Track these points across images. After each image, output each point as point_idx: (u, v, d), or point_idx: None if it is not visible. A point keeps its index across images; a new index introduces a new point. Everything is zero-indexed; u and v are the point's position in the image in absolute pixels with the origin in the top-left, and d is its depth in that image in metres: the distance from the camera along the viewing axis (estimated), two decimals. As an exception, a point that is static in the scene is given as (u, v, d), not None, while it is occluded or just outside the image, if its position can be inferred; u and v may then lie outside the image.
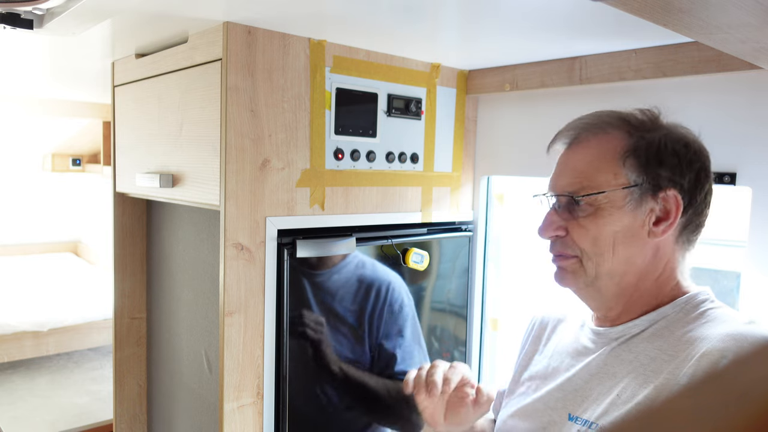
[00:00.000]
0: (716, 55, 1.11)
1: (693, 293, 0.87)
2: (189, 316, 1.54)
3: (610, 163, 0.86)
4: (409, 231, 1.54)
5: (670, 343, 0.82)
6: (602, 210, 0.85)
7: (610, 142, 0.87)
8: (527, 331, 1.12)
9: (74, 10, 1.04)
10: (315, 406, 1.37)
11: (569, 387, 0.92)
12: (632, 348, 0.86)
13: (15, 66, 1.85)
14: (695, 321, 0.83)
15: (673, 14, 0.59)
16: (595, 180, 0.86)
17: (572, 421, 0.88)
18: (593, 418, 0.85)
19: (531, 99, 1.56)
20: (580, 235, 0.87)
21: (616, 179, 0.85)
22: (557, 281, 0.92)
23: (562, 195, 0.89)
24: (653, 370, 0.81)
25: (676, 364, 0.79)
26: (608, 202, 0.85)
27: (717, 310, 0.84)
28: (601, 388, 0.86)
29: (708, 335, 0.78)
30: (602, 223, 0.85)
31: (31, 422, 2.48)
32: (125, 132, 1.65)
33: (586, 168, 0.87)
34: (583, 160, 0.88)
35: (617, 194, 0.84)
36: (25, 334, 3.02)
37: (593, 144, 0.88)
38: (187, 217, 1.54)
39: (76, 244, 4.88)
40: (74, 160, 4.21)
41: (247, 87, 1.20)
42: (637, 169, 0.85)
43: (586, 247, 0.87)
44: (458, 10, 1.09)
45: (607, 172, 0.86)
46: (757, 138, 1.15)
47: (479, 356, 1.76)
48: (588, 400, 0.87)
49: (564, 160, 0.92)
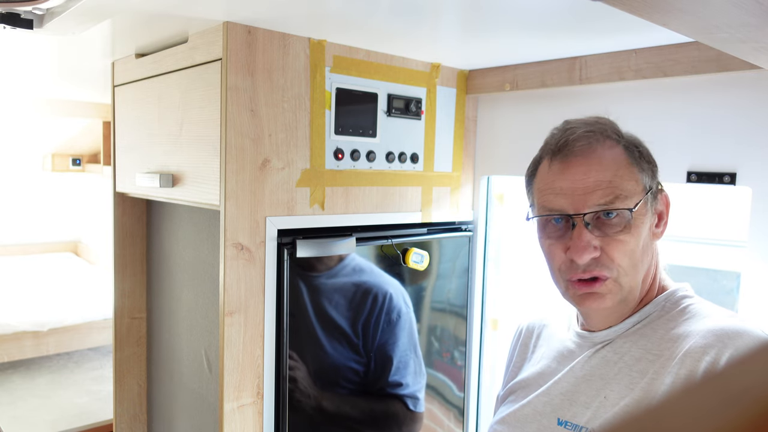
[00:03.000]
0: (716, 55, 1.11)
1: (672, 290, 0.88)
2: (189, 316, 1.54)
3: (629, 170, 0.83)
4: (409, 231, 1.54)
5: (653, 342, 0.82)
6: (634, 221, 0.81)
7: (615, 149, 0.84)
8: (514, 341, 1.10)
9: (74, 10, 1.04)
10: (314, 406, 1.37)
11: (557, 391, 0.91)
12: (617, 350, 0.86)
13: (15, 66, 1.85)
14: (676, 318, 0.83)
15: (673, 14, 0.59)
16: (626, 189, 0.81)
17: (561, 426, 0.87)
18: (582, 422, 0.85)
19: (531, 99, 1.56)
20: (619, 252, 0.81)
21: (638, 186, 0.83)
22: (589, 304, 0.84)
23: (593, 211, 0.81)
24: (639, 370, 0.81)
25: (661, 363, 0.79)
26: (638, 212, 0.82)
27: (696, 306, 0.84)
28: (589, 391, 0.86)
29: (690, 332, 0.79)
30: (636, 233, 0.81)
31: (31, 422, 2.48)
32: (125, 132, 1.65)
33: (612, 178, 0.81)
34: (606, 171, 0.82)
35: (642, 203, 0.83)
36: (25, 334, 3.01)
37: (604, 151, 0.83)
38: (187, 217, 1.54)
39: (76, 244, 4.88)
40: (74, 160, 4.20)
41: (247, 87, 1.20)
42: (646, 173, 0.85)
43: (624, 264, 0.81)
44: (458, 10, 1.08)
45: (630, 180, 0.83)
46: (757, 138, 1.15)
47: (479, 356, 1.76)
48: (576, 404, 0.87)
49: (578, 170, 0.83)
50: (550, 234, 0.86)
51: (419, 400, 1.54)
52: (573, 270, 0.83)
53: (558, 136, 0.87)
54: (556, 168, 0.86)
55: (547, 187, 0.86)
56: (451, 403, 1.70)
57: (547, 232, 0.87)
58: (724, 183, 1.18)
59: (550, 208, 0.85)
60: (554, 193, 0.85)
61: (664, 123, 1.28)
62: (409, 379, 1.50)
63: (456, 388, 1.72)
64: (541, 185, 0.88)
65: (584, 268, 0.82)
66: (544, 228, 0.87)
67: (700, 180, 1.22)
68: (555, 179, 0.85)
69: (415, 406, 1.52)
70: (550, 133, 0.90)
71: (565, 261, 0.84)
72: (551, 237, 0.86)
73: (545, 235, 0.87)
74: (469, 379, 1.75)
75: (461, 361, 1.73)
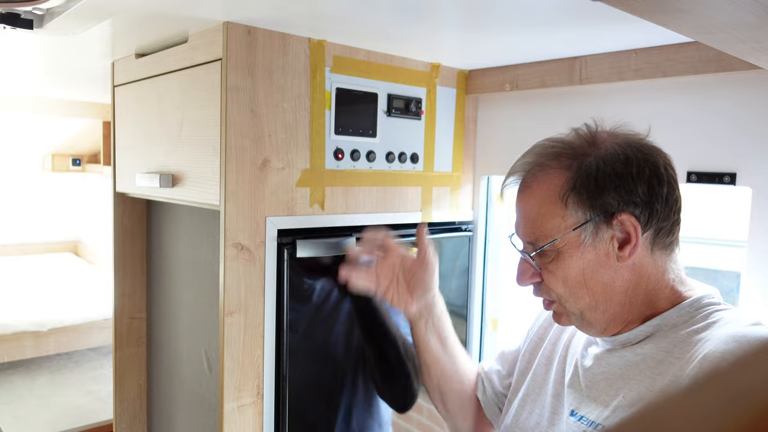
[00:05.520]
0: (716, 55, 1.11)
1: (697, 296, 0.86)
2: (189, 316, 1.54)
3: (554, 206, 0.85)
4: (409, 231, 1.54)
5: (675, 345, 0.82)
6: (562, 253, 0.85)
7: (551, 182, 0.86)
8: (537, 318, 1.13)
9: (74, 10, 1.04)
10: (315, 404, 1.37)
11: (575, 385, 0.92)
12: (638, 351, 0.86)
13: (15, 66, 1.85)
14: (700, 323, 0.82)
15: (673, 14, 0.59)
16: (546, 228, 0.86)
17: (573, 418, 0.89)
18: (593, 418, 0.86)
19: (531, 99, 1.56)
20: (551, 281, 0.88)
21: (565, 221, 0.85)
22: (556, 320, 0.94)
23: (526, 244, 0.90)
24: (660, 372, 0.81)
25: (680, 365, 0.79)
26: (565, 245, 0.85)
27: (722, 312, 0.83)
28: (609, 390, 0.87)
29: (711, 337, 0.78)
30: (566, 266, 0.85)
31: (31, 422, 2.48)
32: (125, 132, 1.65)
33: (535, 217, 0.87)
34: (532, 210, 0.88)
35: (571, 236, 0.84)
36: (25, 334, 3.01)
37: (536, 189, 0.88)
38: (187, 217, 1.54)
39: (76, 244, 4.88)
40: (74, 160, 4.20)
41: (247, 87, 1.20)
42: (581, 206, 0.83)
43: (559, 291, 0.88)
44: (458, 9, 1.09)
45: (554, 217, 0.85)
46: (757, 138, 1.15)
47: (479, 356, 1.76)
48: (594, 401, 0.88)
49: (517, 207, 0.92)
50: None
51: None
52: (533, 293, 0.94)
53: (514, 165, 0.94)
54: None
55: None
56: (451, 403, 1.70)
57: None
58: (724, 183, 1.18)
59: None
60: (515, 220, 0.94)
61: (664, 123, 1.28)
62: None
63: (456, 388, 1.71)
64: None
65: (532, 292, 0.93)
66: None
67: (700, 180, 1.22)
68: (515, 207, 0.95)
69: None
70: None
71: None
72: None
73: None
74: (469, 379, 1.75)
75: (461, 361, 1.73)
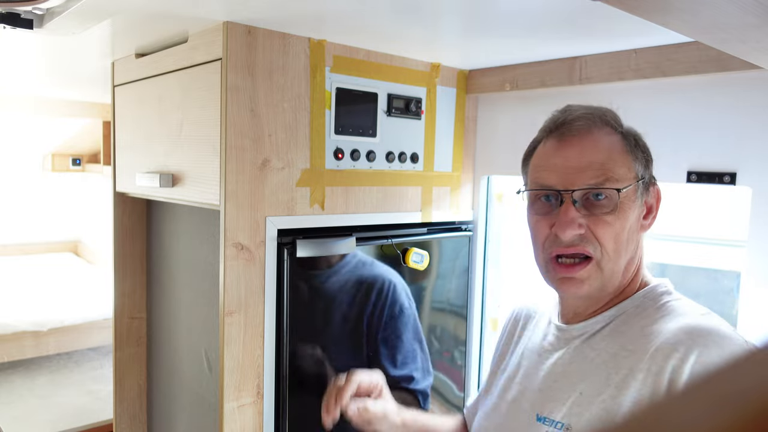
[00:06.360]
0: (716, 55, 1.11)
1: (652, 286, 0.88)
2: (189, 316, 1.54)
3: (623, 156, 0.85)
4: (409, 231, 1.54)
5: (629, 338, 0.82)
6: (622, 204, 0.83)
7: (612, 136, 0.86)
8: (505, 325, 1.11)
9: (74, 10, 1.04)
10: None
11: (535, 386, 0.91)
12: (594, 345, 0.86)
13: (15, 66, 1.85)
14: (652, 315, 0.83)
15: (673, 14, 0.59)
16: (617, 173, 0.83)
17: (540, 422, 0.87)
18: (559, 418, 0.85)
19: (531, 99, 1.56)
20: (605, 232, 0.82)
21: (629, 173, 0.84)
22: (566, 289, 0.86)
23: (582, 189, 0.82)
24: (615, 366, 0.81)
25: (635, 358, 0.79)
26: (627, 196, 0.83)
27: (675, 303, 0.84)
28: (566, 387, 0.86)
29: (663, 330, 0.79)
30: (623, 217, 0.83)
31: (31, 422, 2.48)
32: (125, 132, 1.65)
33: (605, 161, 0.83)
34: (600, 153, 0.83)
35: (632, 189, 0.84)
36: (25, 334, 3.01)
37: (599, 137, 0.84)
38: (187, 217, 1.54)
39: (76, 244, 4.87)
40: (74, 160, 4.20)
41: (247, 87, 1.20)
42: (641, 163, 0.86)
43: (608, 245, 0.82)
44: (458, 10, 1.09)
45: (623, 166, 0.84)
46: (757, 138, 1.15)
47: (479, 356, 1.76)
48: (553, 400, 0.87)
49: (573, 151, 0.84)
50: (538, 210, 0.88)
51: (428, 397, 1.53)
52: (556, 244, 0.84)
53: (557, 117, 0.89)
54: (551, 145, 0.87)
55: (541, 164, 0.88)
56: (451, 403, 1.70)
57: (536, 208, 0.88)
58: (724, 183, 1.18)
59: (541, 184, 0.87)
60: (547, 170, 0.87)
61: (664, 123, 1.28)
62: (418, 374, 1.49)
63: (456, 388, 1.72)
64: (536, 161, 0.90)
65: (568, 244, 0.83)
66: (533, 204, 0.89)
67: (700, 180, 1.22)
68: (549, 156, 0.87)
69: (425, 404, 1.51)
70: (551, 114, 0.91)
71: (550, 236, 0.85)
72: (539, 213, 0.87)
73: (533, 212, 0.89)
74: (469, 379, 1.75)
75: (461, 361, 1.73)
